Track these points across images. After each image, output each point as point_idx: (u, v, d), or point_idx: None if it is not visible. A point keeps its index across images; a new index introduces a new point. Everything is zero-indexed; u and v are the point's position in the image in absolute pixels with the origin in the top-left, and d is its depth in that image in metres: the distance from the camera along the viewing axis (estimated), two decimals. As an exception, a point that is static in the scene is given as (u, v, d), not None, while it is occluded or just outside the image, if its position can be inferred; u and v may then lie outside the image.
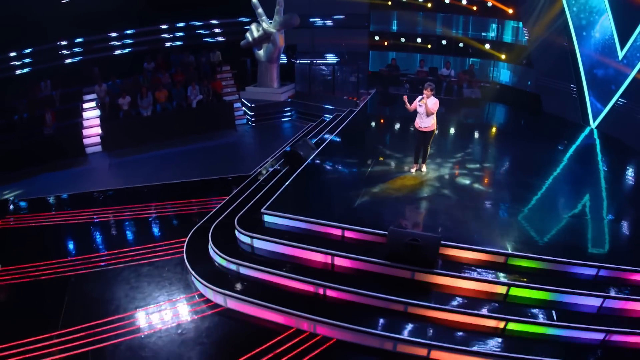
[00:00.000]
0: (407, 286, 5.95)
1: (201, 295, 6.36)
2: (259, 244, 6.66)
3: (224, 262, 6.64)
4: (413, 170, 8.44)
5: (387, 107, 13.80)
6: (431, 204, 7.34)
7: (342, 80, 14.86)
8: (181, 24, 15.76)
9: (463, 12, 14.54)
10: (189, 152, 12.47)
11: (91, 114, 13.11)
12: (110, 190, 9.83)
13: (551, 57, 12.45)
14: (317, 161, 8.86)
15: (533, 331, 5.45)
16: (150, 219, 8.59)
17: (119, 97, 12.93)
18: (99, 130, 12.69)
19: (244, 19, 16.00)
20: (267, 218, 6.89)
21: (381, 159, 9.15)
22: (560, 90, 12.45)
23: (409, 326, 5.56)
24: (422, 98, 7.69)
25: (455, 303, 5.69)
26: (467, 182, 8.19)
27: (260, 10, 13.73)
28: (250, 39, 14.17)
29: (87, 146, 12.43)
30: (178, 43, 15.73)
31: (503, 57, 14.13)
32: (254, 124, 14.29)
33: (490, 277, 5.86)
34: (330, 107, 13.64)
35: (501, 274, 5.90)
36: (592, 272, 5.88)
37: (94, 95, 13.29)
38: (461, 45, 14.84)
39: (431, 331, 5.48)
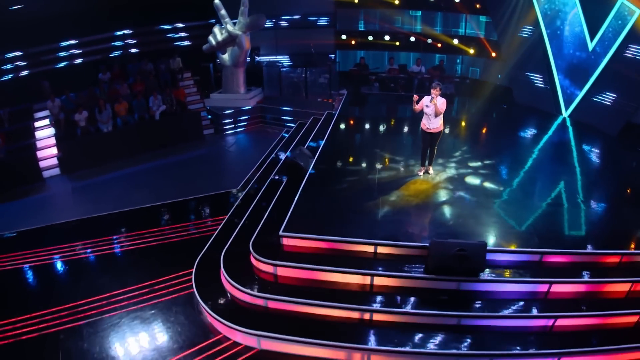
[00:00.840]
0: (456, 298, 5.74)
1: (226, 339, 5.56)
2: (282, 271, 5.93)
3: (245, 296, 5.83)
4: (421, 173, 8.20)
5: (365, 107, 13.44)
6: (454, 208, 7.19)
7: (311, 82, 14.27)
8: (137, 30, 14.34)
9: (431, 8, 14.49)
10: (159, 168, 11.42)
11: (45, 133, 11.73)
12: (80, 219, 8.62)
13: (521, 50, 12.63)
14: (318, 170, 8.32)
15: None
16: (138, 251, 7.53)
17: (75, 113, 11.71)
18: (55, 150, 11.37)
19: (201, 23, 14.92)
20: (286, 241, 6.15)
21: (385, 164, 8.68)
22: (532, 82, 12.65)
23: (467, 339, 5.31)
24: (432, 98, 7.32)
25: (509, 309, 5.49)
26: (477, 181, 8.14)
27: (223, 11, 12.87)
28: (213, 42, 13.22)
29: (44, 169, 11.06)
30: (134, 50, 14.29)
31: (472, 51, 14.26)
32: (223, 133, 13.33)
33: (529, 276, 5.79)
34: (308, 110, 13.02)
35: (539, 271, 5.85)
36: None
37: (46, 112, 11.96)
38: (429, 41, 14.76)
39: (490, 341, 5.27)
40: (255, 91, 14.32)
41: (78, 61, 13.55)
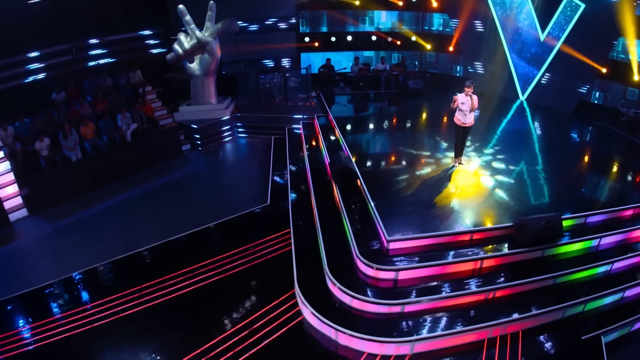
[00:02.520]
0: (544, 263, 6.89)
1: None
2: (403, 274, 6.32)
3: (380, 308, 6.18)
4: (456, 164, 8.86)
5: (352, 108, 13.94)
6: (506, 189, 8.37)
7: (280, 87, 14.25)
8: (90, 41, 12.91)
9: (390, 8, 15.43)
10: (147, 195, 10.63)
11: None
12: (71, 274, 7.51)
13: (478, 43, 14.21)
14: (364, 174, 8.71)
15: None
16: (209, 287, 7.14)
17: (35, 141, 10.40)
18: (15, 188, 9.94)
19: (148, 32, 13.89)
20: (392, 245, 6.37)
21: (420, 160, 9.51)
22: (490, 71, 14.75)
23: (566, 293, 6.51)
24: (469, 95, 8.08)
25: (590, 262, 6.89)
26: (503, 165, 9.52)
27: (188, 17, 12.29)
28: (180, 51, 12.49)
29: (9, 212, 9.60)
30: (91, 64, 12.80)
31: (429, 47, 15.50)
32: (200, 148, 12.70)
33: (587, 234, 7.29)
34: (294, 116, 13.07)
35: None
36: None
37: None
38: (389, 39, 15.71)
39: (581, 290, 6.63)
40: (228, 100, 13.78)
41: (26, 80, 11.82)
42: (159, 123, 12.73)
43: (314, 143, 11.66)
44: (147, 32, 14.38)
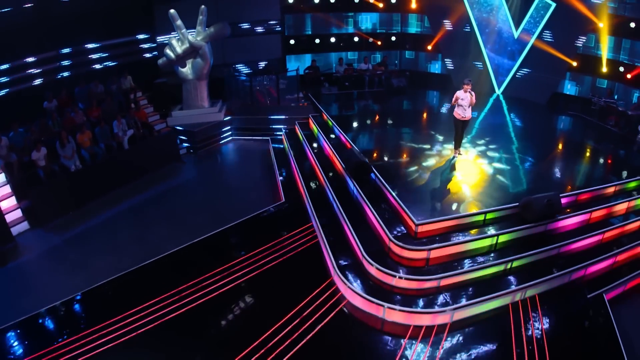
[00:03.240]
0: (547, 236, 8.12)
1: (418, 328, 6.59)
2: (434, 253, 7.33)
3: (421, 284, 7.07)
4: (457, 155, 9.90)
5: (344, 106, 14.86)
6: (504, 174, 9.62)
7: (269, 89, 14.89)
8: (80, 48, 13.04)
9: (371, 10, 16.42)
10: (153, 200, 10.91)
11: None
12: (88, 289, 7.60)
13: (457, 42, 15.51)
14: (377, 167, 9.54)
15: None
16: (249, 282, 7.67)
17: (31, 151, 10.40)
18: (13, 201, 9.92)
19: (135, 37, 14.24)
20: (420, 228, 7.27)
21: (423, 153, 10.51)
22: (468, 68, 15.82)
23: (566, 260, 7.76)
24: (468, 91, 9.19)
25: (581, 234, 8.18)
26: (497, 154, 10.71)
27: (179, 22, 12.77)
28: (172, 55, 12.87)
29: (10, 226, 9.54)
30: (81, 70, 12.94)
31: (408, 46, 16.64)
32: (198, 152, 13.15)
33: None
34: (293, 116, 13.94)
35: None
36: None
37: None
38: (370, 40, 16.71)
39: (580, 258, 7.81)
40: (219, 103, 14.24)
41: (15, 89, 11.96)
42: (154, 128, 13.02)
43: (314, 142, 12.35)
44: (134, 38, 14.58)
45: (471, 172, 9.69)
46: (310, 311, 6.87)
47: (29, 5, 11.99)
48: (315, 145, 12.15)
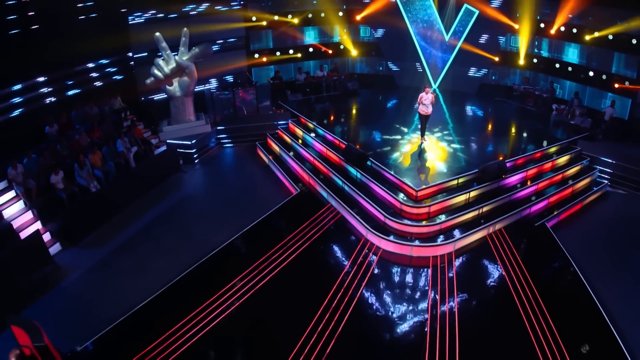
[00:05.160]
0: (500, 190, 12.32)
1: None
2: (433, 208, 11.13)
3: (428, 228, 10.84)
4: (423, 141, 13.79)
5: (315, 110, 18.04)
6: (461, 150, 13.84)
7: (240, 100, 17.67)
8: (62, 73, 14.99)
9: (322, 23, 20.02)
10: (175, 208, 12.99)
11: (15, 210, 11.26)
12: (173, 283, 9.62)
13: (398, 48, 19.90)
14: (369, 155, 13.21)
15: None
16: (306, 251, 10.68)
17: (50, 175, 11.83)
18: (39, 225, 11.14)
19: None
20: (420, 193, 10.96)
21: (398, 142, 14.40)
22: (408, 69, 20.20)
23: (514, 205, 12.07)
24: (428, 93, 13.23)
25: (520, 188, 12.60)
26: (453, 137, 14.56)
27: (164, 44, 15.06)
28: (160, 75, 15.13)
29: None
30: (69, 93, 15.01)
31: (355, 52, 20.38)
32: (194, 161, 15.61)
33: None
34: (272, 122, 16.97)
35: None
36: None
37: (3, 184, 11.61)
38: (323, 49, 20.25)
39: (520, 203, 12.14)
40: (203, 116, 16.72)
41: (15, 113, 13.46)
42: (152, 143, 15.21)
43: (304, 142, 15.45)
44: (113, 59, 16.65)
45: (438, 152, 13.71)
46: (359, 262, 10.20)
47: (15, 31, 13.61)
48: (305, 144, 15.27)
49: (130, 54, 17.15)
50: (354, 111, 18.45)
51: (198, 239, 11.29)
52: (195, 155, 15.84)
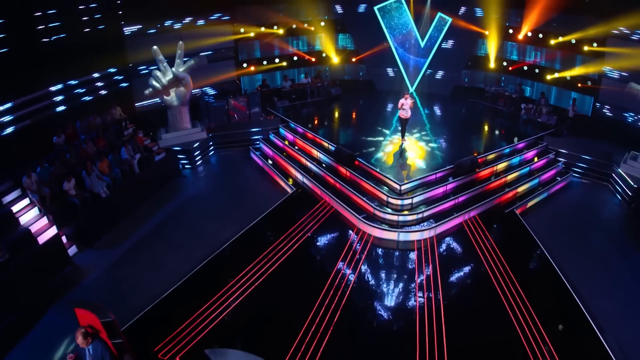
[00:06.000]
0: (474, 182, 14.24)
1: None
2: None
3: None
4: (404, 142, 15.58)
5: (299, 114, 19.72)
6: (437, 149, 15.78)
7: (231, 107, 19.15)
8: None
9: (306, 33, 21.64)
10: (182, 209, 14.35)
11: (30, 216, 12.01)
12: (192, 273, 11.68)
13: (377, 55, 22.04)
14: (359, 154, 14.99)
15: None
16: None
17: (62, 182, 12.92)
18: (55, 230, 11.92)
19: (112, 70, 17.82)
20: (404, 187, 12.62)
21: (381, 143, 16.05)
22: (386, 74, 22.00)
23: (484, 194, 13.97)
24: (407, 98, 14.92)
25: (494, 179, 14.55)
26: (430, 137, 16.57)
27: (161, 56, 16.40)
28: (159, 86, 16.47)
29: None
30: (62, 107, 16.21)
31: (336, 60, 22.09)
32: (193, 166, 16.99)
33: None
34: (264, 128, 18.52)
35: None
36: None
37: (17, 192, 12.32)
38: (306, 58, 21.97)
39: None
40: (198, 124, 18.11)
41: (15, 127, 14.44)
42: (153, 150, 16.52)
43: (294, 144, 17.01)
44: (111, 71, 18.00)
45: (417, 151, 15.57)
46: (354, 248, 11.91)
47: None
48: (295, 147, 16.81)
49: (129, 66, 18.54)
50: (338, 115, 20.15)
51: (207, 235, 12.70)
52: (193, 160, 17.24)
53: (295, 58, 22.38)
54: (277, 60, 21.91)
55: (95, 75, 17.44)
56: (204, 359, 8.52)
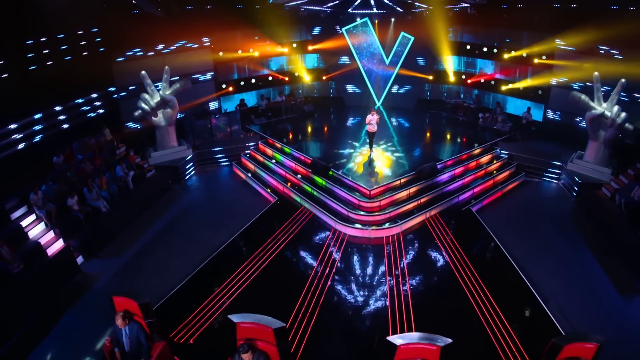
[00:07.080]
0: (435, 185, 16.77)
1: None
2: (383, 202, 14.80)
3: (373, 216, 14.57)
4: (372, 153, 18.05)
5: (277, 130, 21.89)
6: (402, 158, 18.28)
7: (217, 126, 21.16)
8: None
9: (279, 54, 23.97)
10: (177, 219, 16.17)
11: (38, 230, 13.50)
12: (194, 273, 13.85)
13: (345, 74, 24.44)
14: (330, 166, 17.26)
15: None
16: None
17: (66, 198, 14.40)
18: (61, 242, 13.42)
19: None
20: (373, 191, 14.79)
21: (351, 154, 17.93)
22: (354, 91, 24.84)
23: (446, 196, 16.44)
24: (374, 114, 17.30)
25: (451, 183, 16.99)
26: (395, 148, 18.88)
27: (149, 81, 18.29)
28: (147, 108, 18.30)
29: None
30: (65, 126, 18.16)
31: (308, 78, 24.42)
32: (181, 181, 18.91)
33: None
34: (245, 144, 20.61)
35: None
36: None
37: (24, 209, 13.87)
38: (280, 77, 24.24)
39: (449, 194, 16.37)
40: (184, 142, 20.03)
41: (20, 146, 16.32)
42: (145, 167, 18.33)
43: (273, 159, 19.08)
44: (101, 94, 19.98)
45: (384, 160, 18.01)
46: (332, 247, 14.06)
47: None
48: (274, 161, 18.93)
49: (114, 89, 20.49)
50: (312, 130, 22.44)
51: (203, 241, 14.60)
52: (182, 175, 19.11)
53: (270, 78, 24.67)
54: (253, 80, 24.13)
55: (79, 100, 19.38)
56: (210, 342, 10.43)
